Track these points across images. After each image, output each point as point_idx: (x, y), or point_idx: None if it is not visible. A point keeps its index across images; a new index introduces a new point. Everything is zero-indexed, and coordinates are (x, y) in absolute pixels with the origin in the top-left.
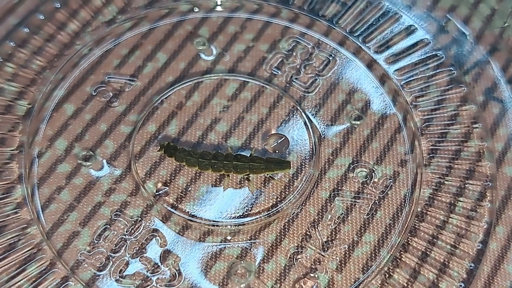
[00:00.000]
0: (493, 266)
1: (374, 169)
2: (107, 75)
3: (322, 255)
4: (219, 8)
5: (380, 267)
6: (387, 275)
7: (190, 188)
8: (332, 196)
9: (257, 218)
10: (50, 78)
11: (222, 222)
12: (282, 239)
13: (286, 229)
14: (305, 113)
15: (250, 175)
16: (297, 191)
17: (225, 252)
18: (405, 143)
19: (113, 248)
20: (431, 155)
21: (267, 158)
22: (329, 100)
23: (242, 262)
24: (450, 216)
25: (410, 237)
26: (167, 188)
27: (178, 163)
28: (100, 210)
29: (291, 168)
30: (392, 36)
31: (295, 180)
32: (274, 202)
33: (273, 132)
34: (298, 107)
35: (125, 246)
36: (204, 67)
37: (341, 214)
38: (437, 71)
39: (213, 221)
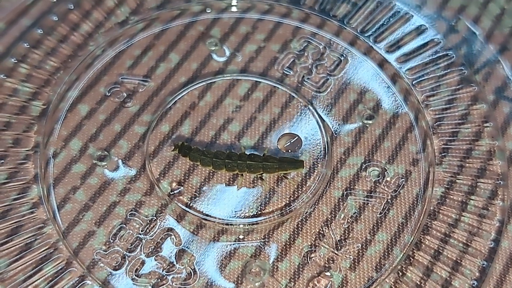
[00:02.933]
0: (505, 264)
1: (386, 168)
2: (120, 76)
3: (335, 253)
4: (232, 9)
5: (393, 265)
6: (400, 274)
7: (204, 188)
8: (345, 195)
9: (270, 217)
10: (64, 79)
11: (236, 221)
12: (296, 238)
13: (300, 228)
14: (317, 113)
15: (264, 174)
16: (310, 190)
17: (239, 251)
18: (417, 142)
19: (129, 247)
20: (442, 154)
21: (280, 158)
22: (340, 100)
23: (256, 261)
24: (462, 214)
25: (422, 236)
26: (182, 187)
27: (192, 163)
28: (115, 209)
29: (304, 167)
30: (403, 36)
31: (307, 179)
32: (287, 201)
33: (285, 132)
34: (310, 107)
35: (140, 245)
36: (216, 68)
37: (354, 213)
38: (448, 70)
39: (227, 220)
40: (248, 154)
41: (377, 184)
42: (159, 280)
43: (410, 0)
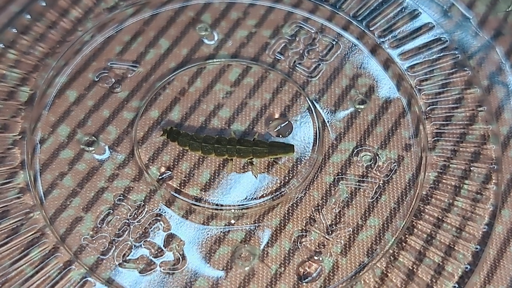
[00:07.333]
0: (499, 248)
1: (379, 153)
2: (109, 61)
3: (326, 238)
4: None
5: (385, 250)
6: (392, 258)
7: (193, 173)
8: (336, 180)
9: (261, 202)
10: (52, 64)
11: (226, 206)
12: (286, 223)
13: (290, 213)
14: (308, 98)
15: (254, 159)
16: (301, 176)
17: (229, 236)
18: (409, 127)
19: (117, 232)
20: (435, 138)
21: (270, 142)
22: (332, 85)
23: (246, 245)
24: (455, 198)
25: (415, 220)
26: (171, 172)
27: (181, 148)
28: (103, 195)
29: (295, 152)
30: (396, 21)
31: (299, 165)
32: (278, 186)
33: (276, 117)
34: (302, 92)
35: (128, 230)
36: (206, 53)
37: (345, 198)
38: (441, 54)
39: (217, 205)
40: (237, 139)
41: (369, 169)
42: (147, 265)
43: None
